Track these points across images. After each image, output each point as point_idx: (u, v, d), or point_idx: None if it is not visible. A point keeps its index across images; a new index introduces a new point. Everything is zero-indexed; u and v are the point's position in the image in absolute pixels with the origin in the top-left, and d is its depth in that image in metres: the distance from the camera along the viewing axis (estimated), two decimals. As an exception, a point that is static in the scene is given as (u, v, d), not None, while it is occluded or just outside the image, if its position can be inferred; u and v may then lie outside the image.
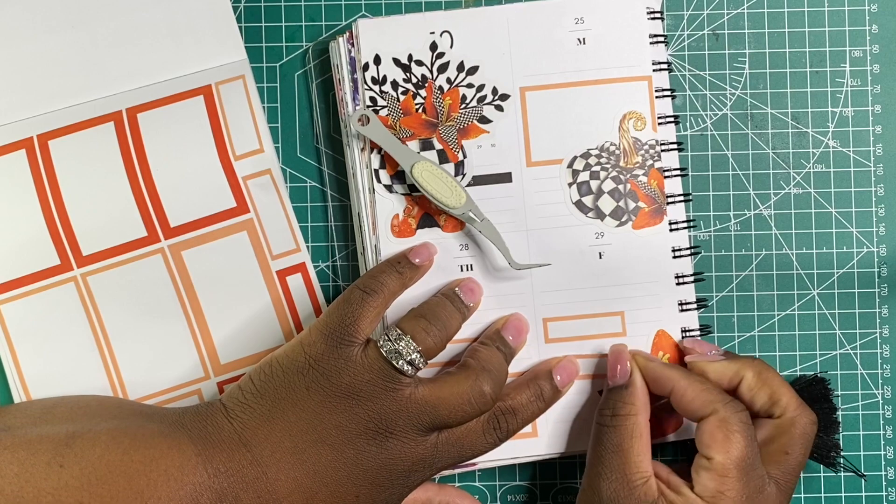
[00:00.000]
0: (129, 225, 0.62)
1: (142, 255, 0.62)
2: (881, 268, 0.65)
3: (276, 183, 0.63)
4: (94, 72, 0.62)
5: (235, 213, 0.63)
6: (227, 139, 0.63)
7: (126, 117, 0.62)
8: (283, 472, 0.55)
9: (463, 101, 0.63)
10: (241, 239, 0.63)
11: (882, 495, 0.65)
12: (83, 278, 0.62)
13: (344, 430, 0.56)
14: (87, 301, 0.62)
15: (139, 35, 0.62)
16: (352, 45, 0.63)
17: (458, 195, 0.61)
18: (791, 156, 0.65)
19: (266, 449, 0.55)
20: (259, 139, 0.63)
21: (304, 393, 0.56)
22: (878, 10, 0.65)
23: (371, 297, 0.58)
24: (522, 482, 0.65)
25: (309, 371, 0.56)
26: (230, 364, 0.63)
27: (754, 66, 0.65)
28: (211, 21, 0.63)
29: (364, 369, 0.56)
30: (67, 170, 0.62)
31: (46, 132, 0.62)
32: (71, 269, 0.62)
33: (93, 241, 0.62)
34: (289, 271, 0.63)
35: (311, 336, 0.57)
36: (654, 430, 0.60)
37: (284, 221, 0.63)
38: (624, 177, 0.63)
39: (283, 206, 0.63)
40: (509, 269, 0.62)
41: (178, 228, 0.62)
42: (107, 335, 0.62)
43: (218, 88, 0.63)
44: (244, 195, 0.63)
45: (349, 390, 0.56)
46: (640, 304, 0.62)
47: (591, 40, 0.63)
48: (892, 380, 0.65)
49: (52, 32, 0.62)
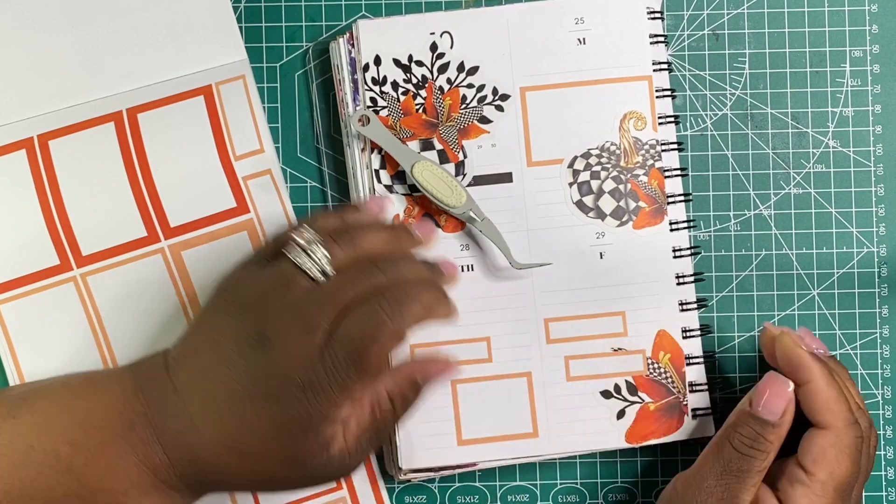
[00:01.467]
0: (129, 225, 0.62)
1: (142, 255, 0.62)
2: (881, 268, 0.65)
3: (276, 183, 0.63)
4: (94, 72, 0.62)
5: (235, 213, 0.63)
6: (228, 139, 0.63)
7: (126, 117, 0.62)
8: (190, 392, 0.53)
9: (463, 101, 0.63)
10: (242, 239, 0.63)
11: (882, 495, 0.65)
12: (83, 278, 0.62)
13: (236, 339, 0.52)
14: (87, 301, 0.62)
15: (139, 35, 0.62)
16: (352, 46, 0.63)
17: (458, 195, 0.61)
18: (791, 156, 0.65)
19: (183, 377, 0.54)
20: (259, 139, 0.63)
21: (210, 314, 0.55)
22: (878, 10, 0.65)
23: (298, 226, 0.55)
24: (522, 482, 0.65)
25: (218, 294, 0.55)
26: None
27: (754, 66, 0.65)
28: (211, 21, 0.63)
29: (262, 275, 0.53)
30: (67, 170, 0.62)
31: (47, 132, 0.62)
32: (71, 269, 0.62)
33: (92, 241, 0.62)
34: None
35: None
36: (658, 429, 0.60)
37: (284, 221, 0.63)
38: (624, 177, 0.63)
39: (283, 205, 0.63)
40: (510, 269, 0.62)
41: (179, 228, 0.62)
42: (106, 335, 0.62)
43: (218, 88, 0.63)
44: (244, 195, 0.63)
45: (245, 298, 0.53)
46: (641, 304, 0.62)
47: (591, 40, 0.63)
48: (892, 380, 0.65)
49: (52, 32, 0.62)
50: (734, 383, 0.65)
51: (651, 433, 0.62)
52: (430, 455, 0.62)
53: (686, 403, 0.63)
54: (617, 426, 0.63)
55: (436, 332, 0.62)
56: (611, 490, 0.65)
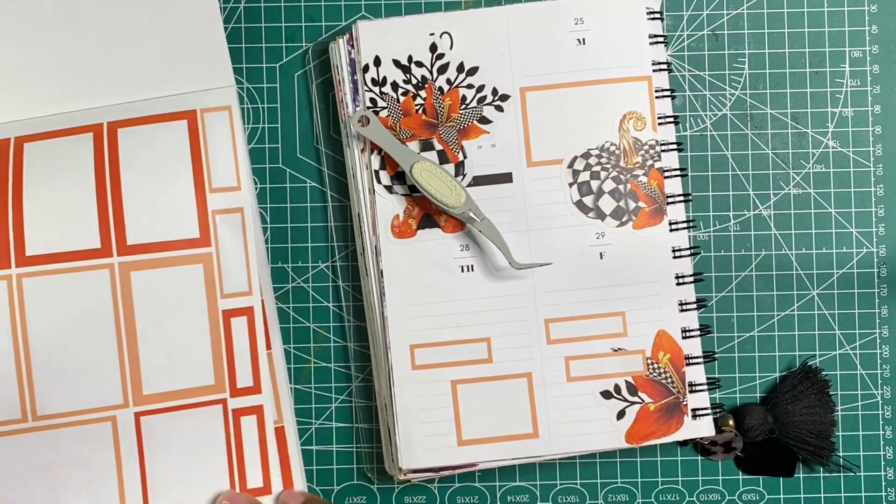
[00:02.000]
0: (83, 233, 0.60)
1: (89, 266, 0.60)
2: (881, 268, 0.65)
3: (244, 224, 0.62)
4: (79, 81, 0.62)
5: (196, 244, 0.61)
6: (206, 169, 0.61)
7: (106, 130, 0.61)
8: None
9: (463, 101, 0.63)
10: (195, 271, 0.61)
11: (881, 495, 0.65)
12: (18, 278, 0.59)
13: None
14: (16, 303, 0.59)
15: (127, 49, 0.62)
16: (352, 47, 0.63)
17: (457, 194, 0.61)
18: (791, 156, 0.65)
19: None
20: (237, 177, 0.62)
21: None
22: (877, 11, 0.65)
23: None
24: (522, 482, 0.65)
25: None
26: (152, 396, 0.60)
27: (754, 67, 0.65)
28: (201, 43, 0.62)
29: None
30: (36, 170, 0.60)
31: (24, 136, 0.61)
32: (9, 267, 0.59)
33: (40, 243, 0.59)
34: (235, 313, 0.61)
35: None
36: (658, 429, 0.60)
37: (243, 262, 0.62)
38: (624, 177, 0.63)
39: (245, 247, 0.62)
40: (510, 269, 0.62)
41: (135, 247, 0.60)
42: (27, 342, 0.59)
43: (203, 116, 0.62)
44: (209, 228, 0.61)
45: None
46: (641, 304, 0.62)
47: (591, 40, 0.63)
48: (891, 380, 0.65)
49: (41, 39, 0.62)
50: (734, 383, 0.65)
51: (651, 433, 0.62)
52: (430, 455, 0.62)
53: (686, 403, 0.63)
54: (617, 426, 0.63)
55: (436, 333, 0.62)
56: (611, 490, 0.65)
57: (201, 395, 0.61)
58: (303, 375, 0.64)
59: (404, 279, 0.62)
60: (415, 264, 0.62)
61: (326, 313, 0.65)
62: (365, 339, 0.64)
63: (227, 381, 0.61)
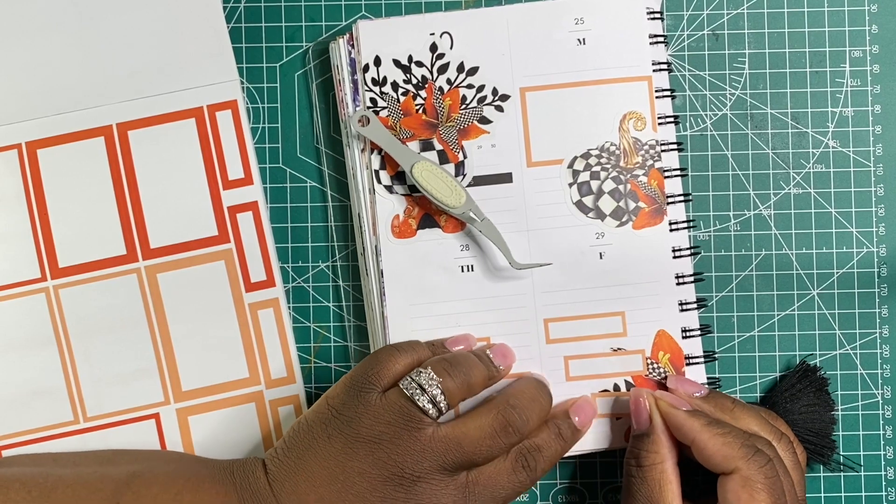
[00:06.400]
0: (109, 241, 0.62)
1: (117, 272, 0.62)
2: (881, 268, 0.65)
3: (259, 215, 0.63)
4: (84, 79, 0.62)
5: (216, 242, 0.63)
6: (217, 166, 0.63)
7: (117, 133, 0.62)
8: None
9: (463, 101, 0.63)
10: (218, 268, 0.63)
11: (882, 495, 0.65)
12: (55, 290, 0.62)
13: (368, 477, 0.55)
14: (56, 313, 0.62)
15: (131, 45, 0.62)
16: (352, 47, 0.63)
17: (458, 195, 0.61)
18: (791, 156, 0.65)
19: (293, 502, 0.55)
20: (246, 169, 0.63)
21: (325, 442, 0.56)
22: (878, 11, 0.65)
23: (400, 353, 0.58)
24: (523, 482, 0.65)
25: (331, 421, 0.56)
26: (192, 392, 0.63)
27: (754, 67, 0.65)
28: (204, 37, 0.62)
29: (384, 411, 0.55)
30: (54, 181, 0.62)
31: (35, 140, 0.62)
32: (45, 279, 0.62)
33: (71, 254, 0.62)
34: (261, 305, 0.63)
35: (335, 389, 0.57)
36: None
37: (261, 255, 0.63)
38: (624, 177, 0.63)
39: (263, 238, 0.63)
40: (510, 269, 0.62)
41: (158, 250, 0.62)
42: (71, 349, 0.62)
43: (209, 113, 0.62)
44: (227, 225, 0.63)
45: (370, 435, 0.55)
46: (641, 304, 0.62)
47: (591, 40, 0.63)
48: (891, 380, 0.65)
49: (45, 38, 0.62)
50: (734, 383, 0.65)
51: (651, 433, 0.62)
52: (430, 455, 0.62)
53: (686, 403, 0.63)
54: (617, 426, 0.63)
55: (436, 333, 0.62)
56: (611, 490, 0.65)
57: (238, 389, 0.63)
58: (303, 375, 0.65)
59: (404, 279, 0.62)
60: (415, 264, 0.62)
61: (327, 313, 0.65)
62: (365, 339, 0.64)
63: (262, 373, 0.63)
